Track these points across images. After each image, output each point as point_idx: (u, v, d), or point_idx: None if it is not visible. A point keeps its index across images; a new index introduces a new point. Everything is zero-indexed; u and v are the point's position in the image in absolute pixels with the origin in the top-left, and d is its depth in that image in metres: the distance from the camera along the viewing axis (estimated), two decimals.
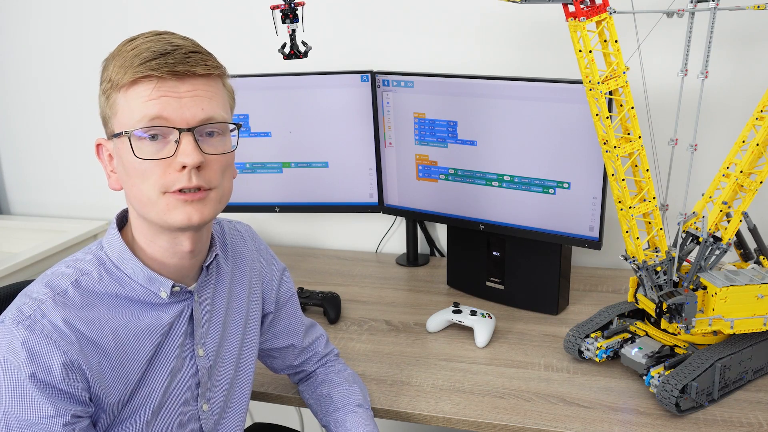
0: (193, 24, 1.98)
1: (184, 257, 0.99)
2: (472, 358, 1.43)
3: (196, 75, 0.90)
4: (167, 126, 0.89)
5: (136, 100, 0.89)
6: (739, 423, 1.19)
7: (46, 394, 0.88)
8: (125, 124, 0.90)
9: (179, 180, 0.90)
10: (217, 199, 0.95)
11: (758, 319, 1.24)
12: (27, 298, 0.91)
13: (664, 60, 1.52)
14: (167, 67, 0.88)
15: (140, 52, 0.88)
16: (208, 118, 0.92)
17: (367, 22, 1.87)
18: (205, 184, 0.92)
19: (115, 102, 0.91)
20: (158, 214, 0.92)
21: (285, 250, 2.05)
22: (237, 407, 1.14)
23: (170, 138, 0.90)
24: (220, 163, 0.94)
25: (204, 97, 0.91)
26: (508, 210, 1.62)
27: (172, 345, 1.01)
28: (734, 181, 1.26)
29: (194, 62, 0.90)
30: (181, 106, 0.89)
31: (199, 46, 0.93)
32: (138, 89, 0.89)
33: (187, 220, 0.92)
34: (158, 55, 0.88)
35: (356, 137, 1.79)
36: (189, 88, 0.90)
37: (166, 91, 0.89)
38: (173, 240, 0.97)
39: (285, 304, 1.25)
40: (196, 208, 0.92)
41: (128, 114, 0.90)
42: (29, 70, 2.18)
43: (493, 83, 1.55)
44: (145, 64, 0.87)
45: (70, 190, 2.27)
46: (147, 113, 0.88)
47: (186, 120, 0.90)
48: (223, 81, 0.97)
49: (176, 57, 0.88)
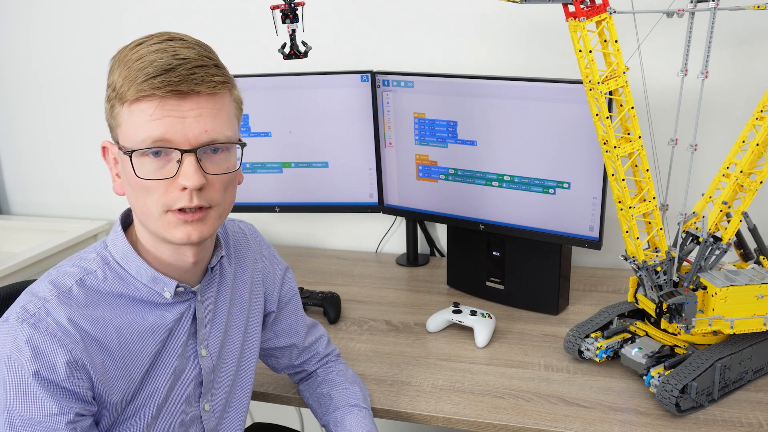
0: (193, 24, 1.98)
1: (188, 265, 0.99)
2: (472, 358, 1.43)
3: (201, 93, 0.88)
4: (169, 147, 0.88)
5: (139, 117, 0.87)
6: (739, 423, 1.19)
7: (50, 392, 0.87)
8: (128, 140, 0.89)
9: (180, 200, 0.90)
10: (217, 216, 0.95)
11: (758, 319, 1.24)
12: (31, 296, 0.91)
13: (664, 60, 1.52)
14: (170, 86, 0.85)
15: (145, 65, 0.86)
16: (211, 140, 0.90)
17: (368, 22, 1.87)
18: (206, 203, 0.92)
19: (118, 114, 0.89)
20: (159, 230, 0.92)
21: (285, 250, 2.05)
22: (238, 407, 1.15)
23: (172, 157, 0.89)
24: (222, 182, 0.93)
25: (208, 116, 0.89)
26: (508, 210, 1.62)
27: (175, 345, 1.01)
28: (734, 181, 1.26)
29: (199, 80, 0.87)
30: (184, 127, 0.87)
31: (206, 56, 0.90)
32: (141, 106, 0.87)
33: (186, 238, 0.92)
34: (162, 71, 0.85)
35: (356, 137, 1.79)
36: (192, 106, 0.88)
37: (169, 111, 0.87)
38: (176, 251, 0.97)
39: (287, 303, 1.25)
40: (195, 228, 0.92)
41: (131, 130, 0.88)
42: (29, 70, 2.18)
43: (493, 83, 1.55)
44: (148, 82, 0.85)
45: (70, 190, 2.27)
46: (150, 134, 0.87)
47: (189, 141, 0.88)
48: (231, 92, 0.94)
49: (180, 74, 0.86)
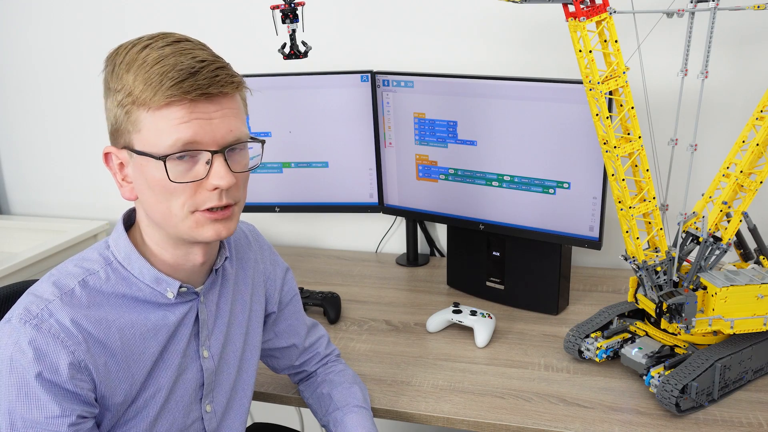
0: (193, 24, 1.98)
1: (196, 266, 1.00)
2: (472, 358, 1.43)
3: (225, 94, 0.90)
4: (199, 149, 0.88)
5: (167, 122, 0.87)
6: (739, 423, 1.19)
7: (52, 394, 0.87)
8: (154, 146, 0.88)
9: (210, 199, 0.91)
10: (239, 211, 0.97)
11: (758, 319, 1.24)
12: (34, 297, 0.91)
13: (664, 60, 1.52)
14: (200, 90, 0.86)
15: (166, 69, 0.85)
16: (236, 139, 0.91)
17: (368, 22, 1.87)
18: (232, 201, 0.93)
19: (138, 119, 0.88)
20: (185, 231, 0.93)
21: (285, 250, 2.05)
22: (239, 408, 1.14)
23: (200, 158, 0.89)
24: (244, 179, 0.96)
25: (231, 116, 0.91)
26: (508, 210, 1.62)
27: (178, 346, 1.01)
28: (734, 181, 1.26)
29: (223, 81, 0.88)
30: (212, 128, 0.88)
31: (217, 56, 0.91)
32: (169, 112, 0.86)
33: (216, 235, 0.93)
34: (188, 75, 0.85)
35: (356, 137, 1.79)
36: (217, 107, 0.89)
37: (199, 114, 0.87)
38: (187, 251, 0.98)
39: (288, 303, 1.25)
40: (224, 225, 0.94)
41: (156, 135, 0.87)
42: (29, 70, 2.18)
43: (493, 83, 1.55)
44: (177, 86, 0.85)
45: (70, 190, 2.27)
46: (180, 137, 0.87)
47: (217, 142, 0.89)
48: (241, 91, 0.96)
49: (206, 76, 0.86)
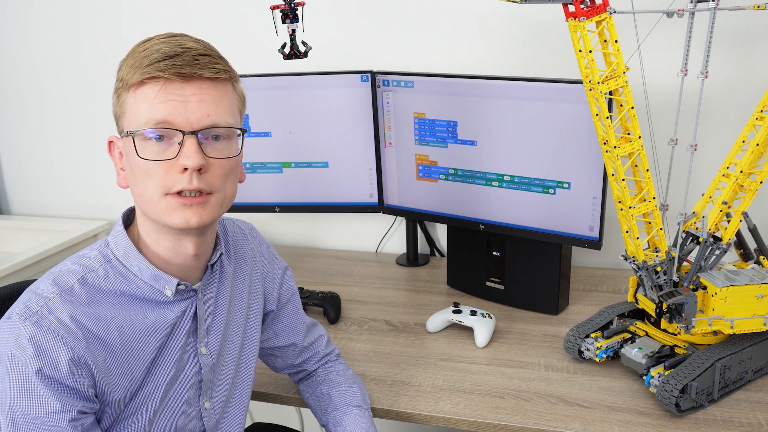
0: (193, 24, 1.98)
1: (189, 258, 1.00)
2: (472, 358, 1.43)
3: (203, 78, 0.91)
4: (172, 128, 0.90)
5: (144, 101, 0.90)
6: (739, 423, 1.19)
7: (52, 390, 0.88)
8: (132, 124, 0.92)
9: (180, 181, 0.91)
10: (218, 203, 0.96)
11: (758, 319, 1.24)
12: (34, 294, 0.92)
13: (664, 60, 1.52)
14: (174, 69, 0.88)
15: (151, 53, 0.89)
16: (212, 124, 0.92)
17: (368, 22, 1.87)
18: (206, 187, 0.92)
19: (125, 101, 0.92)
20: (158, 215, 0.93)
21: (285, 250, 2.05)
22: (238, 405, 1.15)
23: (174, 140, 0.91)
24: (223, 168, 0.95)
25: (210, 101, 0.92)
26: (508, 210, 1.62)
27: (176, 343, 1.02)
28: (734, 181, 1.26)
29: (202, 65, 0.90)
30: (186, 110, 0.90)
31: (211, 49, 0.94)
32: (146, 90, 0.90)
33: (184, 222, 0.92)
34: (167, 57, 0.89)
35: (356, 137, 1.79)
36: (195, 91, 0.91)
37: (173, 95, 0.90)
38: (177, 242, 0.98)
39: (286, 302, 1.25)
40: (194, 212, 0.93)
41: (135, 114, 0.91)
42: (29, 70, 2.17)
43: (493, 83, 1.55)
44: (154, 65, 0.88)
45: (70, 190, 2.27)
46: (153, 116, 0.89)
47: (191, 123, 0.90)
48: (234, 85, 0.97)
49: (185, 59, 0.89)
